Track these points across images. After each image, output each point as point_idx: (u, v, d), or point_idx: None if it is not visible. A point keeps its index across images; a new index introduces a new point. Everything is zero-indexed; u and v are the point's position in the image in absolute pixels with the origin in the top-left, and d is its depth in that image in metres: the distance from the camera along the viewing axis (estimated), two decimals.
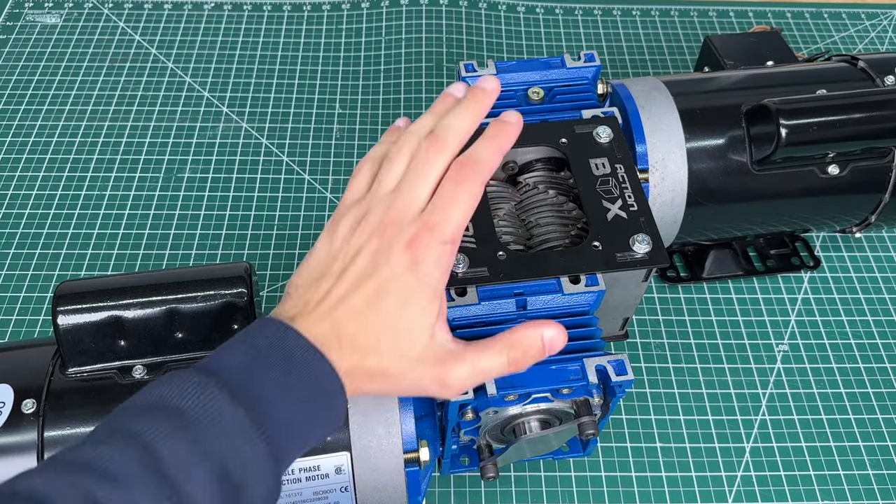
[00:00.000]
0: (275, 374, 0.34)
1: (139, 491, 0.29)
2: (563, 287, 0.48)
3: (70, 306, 0.44)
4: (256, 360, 0.34)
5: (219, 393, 0.32)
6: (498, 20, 0.90)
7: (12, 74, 0.83)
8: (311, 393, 0.35)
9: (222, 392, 0.32)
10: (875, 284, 0.69)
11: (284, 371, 0.34)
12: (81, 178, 0.75)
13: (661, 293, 0.68)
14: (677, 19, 0.92)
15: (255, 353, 0.34)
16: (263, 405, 0.33)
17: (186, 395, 0.32)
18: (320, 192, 0.74)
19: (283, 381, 0.34)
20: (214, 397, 0.32)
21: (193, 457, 0.31)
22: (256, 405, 0.33)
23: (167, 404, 0.32)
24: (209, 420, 0.32)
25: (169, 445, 0.31)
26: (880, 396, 0.62)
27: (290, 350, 0.35)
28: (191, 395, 0.32)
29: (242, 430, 0.32)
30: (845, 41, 0.89)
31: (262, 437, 0.33)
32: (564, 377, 0.46)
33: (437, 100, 0.43)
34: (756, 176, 0.58)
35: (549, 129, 0.54)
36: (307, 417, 0.34)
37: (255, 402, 0.33)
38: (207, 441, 0.31)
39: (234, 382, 0.33)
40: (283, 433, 0.34)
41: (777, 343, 0.65)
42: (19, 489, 0.29)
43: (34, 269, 0.68)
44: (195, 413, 0.32)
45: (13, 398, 0.43)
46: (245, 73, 0.84)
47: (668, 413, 0.61)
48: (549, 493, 0.57)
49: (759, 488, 0.57)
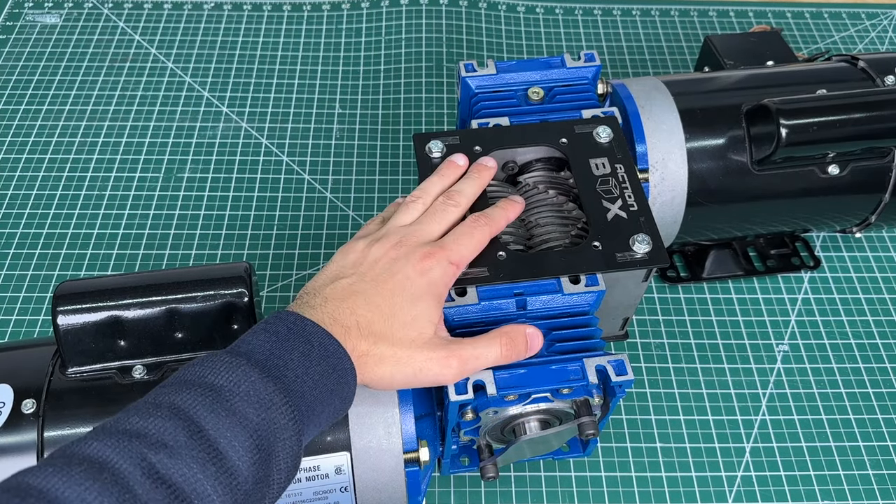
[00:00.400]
0: (295, 355, 0.38)
1: (189, 457, 0.33)
2: (563, 287, 0.48)
3: (70, 306, 0.44)
4: (278, 344, 0.38)
5: (251, 370, 0.36)
6: (498, 20, 0.90)
7: (12, 74, 0.83)
8: (328, 372, 0.38)
9: (253, 369, 0.36)
10: (875, 284, 0.69)
11: (304, 353, 0.38)
12: (81, 178, 0.75)
13: (662, 293, 0.68)
14: (677, 19, 0.92)
15: (277, 338, 0.38)
16: (289, 381, 0.37)
17: (221, 372, 0.36)
18: (320, 192, 0.74)
19: (304, 362, 0.38)
20: (247, 374, 0.36)
21: (234, 427, 0.34)
22: (283, 381, 0.37)
23: (204, 381, 0.36)
24: (244, 393, 0.35)
25: (212, 417, 0.34)
26: (880, 396, 0.62)
27: (309, 335, 0.39)
28: (225, 372, 0.36)
29: (274, 402, 0.36)
30: (845, 41, 0.89)
31: (289, 409, 0.36)
32: (564, 377, 0.46)
33: (443, 166, 0.51)
34: (756, 176, 0.58)
35: (549, 129, 0.54)
36: (324, 393, 0.38)
37: (281, 378, 0.37)
38: (244, 412, 0.35)
39: (262, 361, 0.37)
40: (305, 407, 0.37)
41: (777, 343, 0.65)
42: (75, 451, 0.32)
43: (34, 269, 0.68)
44: (231, 388, 0.35)
45: (13, 398, 0.43)
46: (245, 73, 0.84)
47: (668, 413, 0.61)
48: (549, 494, 0.57)
49: (760, 488, 0.57)
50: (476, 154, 0.52)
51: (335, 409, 0.39)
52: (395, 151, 0.78)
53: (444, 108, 0.81)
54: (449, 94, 0.82)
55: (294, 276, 0.68)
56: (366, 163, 0.77)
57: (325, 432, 0.43)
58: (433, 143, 0.53)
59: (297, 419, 0.36)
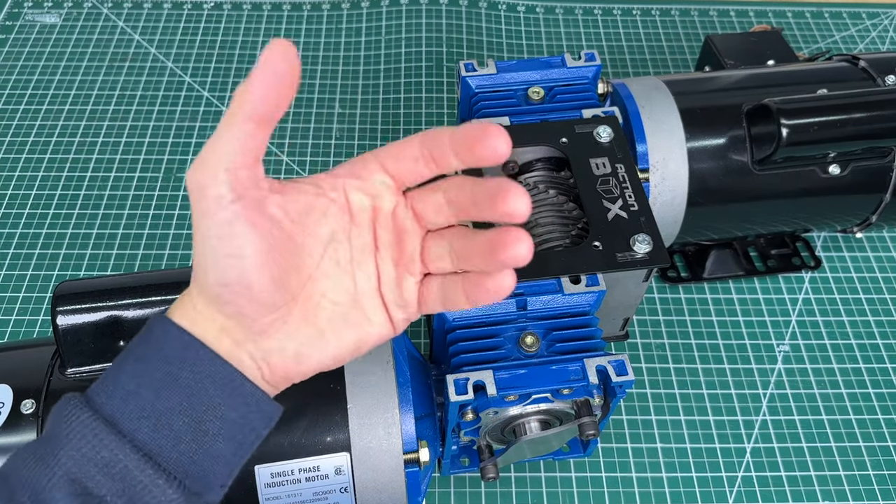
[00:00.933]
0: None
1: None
2: (563, 287, 0.48)
3: (69, 306, 0.44)
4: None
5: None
6: (498, 19, 0.90)
7: (11, 74, 0.83)
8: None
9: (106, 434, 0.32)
10: (876, 284, 0.69)
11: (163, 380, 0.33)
12: (81, 178, 0.75)
13: (662, 293, 0.68)
14: (678, 19, 0.91)
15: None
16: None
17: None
18: None
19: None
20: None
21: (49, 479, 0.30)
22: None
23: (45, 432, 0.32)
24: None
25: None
26: (881, 397, 0.62)
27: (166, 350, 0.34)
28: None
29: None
30: (846, 41, 0.89)
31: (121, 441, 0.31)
32: (565, 377, 0.46)
33: None
34: (757, 176, 0.58)
35: (549, 129, 0.54)
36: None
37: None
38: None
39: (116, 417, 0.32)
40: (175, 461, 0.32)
41: (778, 343, 0.65)
42: None
43: (34, 269, 0.68)
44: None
45: (12, 398, 0.43)
46: (245, 73, 0.84)
47: (668, 413, 0.61)
48: (549, 494, 0.57)
49: (760, 489, 0.57)
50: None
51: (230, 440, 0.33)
52: None
53: (444, 108, 0.81)
54: (449, 93, 0.82)
55: None
56: None
57: (325, 433, 0.43)
58: None
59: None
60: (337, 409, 0.44)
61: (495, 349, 0.47)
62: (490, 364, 0.46)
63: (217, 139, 0.31)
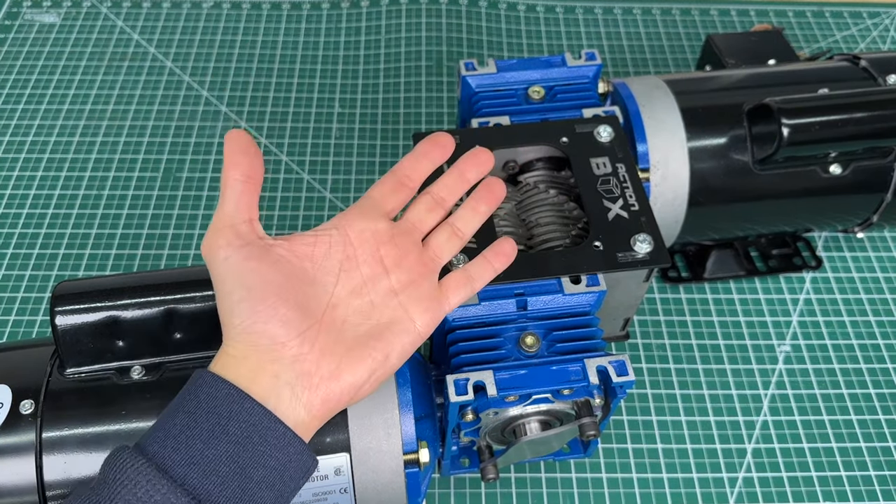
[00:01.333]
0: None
1: None
2: (563, 287, 0.48)
3: (68, 306, 0.43)
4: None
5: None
6: (498, 19, 0.90)
7: (10, 74, 0.83)
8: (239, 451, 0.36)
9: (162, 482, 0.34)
10: (877, 285, 0.69)
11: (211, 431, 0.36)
12: (80, 178, 0.75)
13: (663, 293, 0.68)
14: (679, 18, 0.91)
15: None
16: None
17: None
18: (320, 192, 0.74)
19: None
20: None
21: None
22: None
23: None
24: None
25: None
26: (882, 397, 0.62)
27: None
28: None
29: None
30: (847, 40, 0.89)
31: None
32: (565, 378, 0.45)
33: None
34: (758, 175, 0.58)
35: (549, 129, 0.54)
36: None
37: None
38: None
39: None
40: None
41: (779, 343, 0.65)
42: None
43: (33, 268, 0.68)
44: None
45: (11, 399, 0.43)
46: (244, 73, 0.84)
47: (669, 414, 0.61)
48: (549, 495, 0.57)
49: (761, 489, 0.57)
50: None
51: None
52: (395, 151, 0.78)
53: (444, 107, 0.81)
54: (449, 93, 0.82)
55: None
56: (366, 163, 0.77)
57: (325, 433, 0.43)
58: None
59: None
60: None
61: (495, 349, 0.47)
62: (490, 364, 0.46)
63: (218, 208, 0.39)
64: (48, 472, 0.41)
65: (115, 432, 0.42)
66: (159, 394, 0.43)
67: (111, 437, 0.42)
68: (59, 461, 0.42)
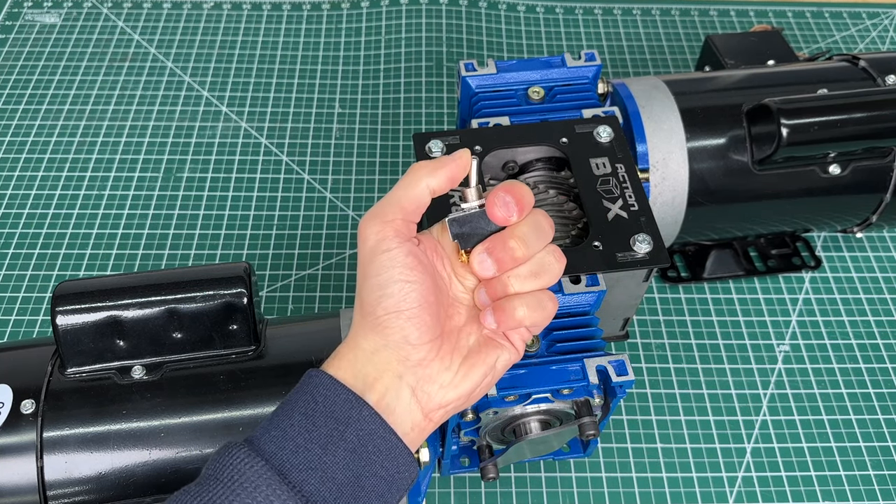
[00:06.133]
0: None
1: None
2: (563, 287, 0.48)
3: (69, 306, 0.44)
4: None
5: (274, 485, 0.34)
6: (498, 19, 0.90)
7: (11, 74, 0.83)
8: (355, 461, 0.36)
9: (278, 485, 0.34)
10: (876, 284, 0.69)
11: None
12: (81, 178, 0.75)
13: (662, 293, 0.68)
14: (678, 18, 0.91)
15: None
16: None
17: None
18: (320, 192, 0.74)
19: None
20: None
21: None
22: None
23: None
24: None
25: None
26: (881, 396, 0.62)
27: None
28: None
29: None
30: (846, 41, 0.89)
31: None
32: (565, 377, 0.46)
33: None
34: (757, 176, 0.58)
35: (549, 129, 0.54)
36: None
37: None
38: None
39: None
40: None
41: (778, 343, 0.65)
42: None
43: (34, 268, 0.68)
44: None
45: (12, 398, 0.43)
46: (244, 73, 0.84)
47: (668, 413, 0.61)
48: (549, 494, 0.57)
49: (760, 489, 0.57)
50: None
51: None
52: (394, 151, 0.78)
53: (444, 107, 0.81)
54: (449, 93, 0.82)
55: (294, 276, 0.68)
56: (365, 162, 0.77)
57: None
58: (433, 143, 0.52)
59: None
60: None
61: None
62: None
63: (393, 197, 0.37)
64: (49, 471, 0.41)
65: (115, 432, 0.42)
66: (160, 394, 0.44)
67: (112, 437, 0.42)
68: (59, 461, 0.42)
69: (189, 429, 0.43)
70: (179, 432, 0.43)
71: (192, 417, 0.43)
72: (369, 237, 0.37)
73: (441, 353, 0.37)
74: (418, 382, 0.37)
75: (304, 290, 0.67)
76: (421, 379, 0.37)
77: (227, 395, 0.44)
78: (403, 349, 0.36)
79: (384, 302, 0.36)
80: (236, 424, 0.43)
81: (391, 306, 0.36)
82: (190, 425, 0.43)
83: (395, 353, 0.36)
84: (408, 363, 0.36)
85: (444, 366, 0.37)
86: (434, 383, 0.37)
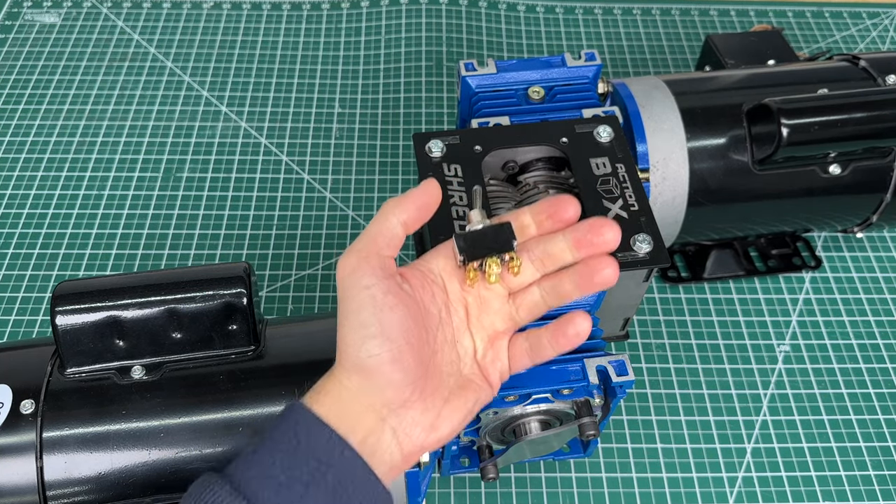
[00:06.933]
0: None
1: None
2: None
3: (69, 306, 0.43)
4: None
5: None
6: (498, 19, 0.90)
7: (11, 74, 0.83)
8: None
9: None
10: (876, 284, 0.69)
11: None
12: (80, 178, 0.75)
13: (662, 293, 0.68)
14: (678, 18, 0.91)
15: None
16: None
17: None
18: (320, 192, 0.74)
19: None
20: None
21: None
22: None
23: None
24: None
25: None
26: (881, 397, 0.62)
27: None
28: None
29: None
30: (847, 40, 0.89)
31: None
32: (565, 378, 0.46)
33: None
34: (757, 176, 0.58)
35: (549, 129, 0.54)
36: None
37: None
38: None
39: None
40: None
41: (778, 343, 0.65)
42: None
43: (33, 268, 0.68)
44: None
45: (12, 398, 0.43)
46: (244, 73, 0.84)
47: (668, 413, 0.61)
48: (549, 495, 0.57)
49: (761, 489, 0.57)
50: (476, 153, 0.52)
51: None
52: (394, 151, 0.78)
53: (444, 107, 0.81)
54: (449, 93, 0.82)
55: (294, 276, 0.68)
56: (365, 162, 0.77)
57: None
58: (433, 143, 0.52)
59: None
60: None
61: None
62: None
63: (369, 234, 0.37)
64: (49, 471, 0.41)
65: (115, 432, 0.42)
66: (159, 394, 0.44)
67: (111, 437, 0.42)
68: (59, 461, 0.42)
69: (189, 429, 0.43)
70: (179, 432, 0.43)
71: (192, 417, 0.43)
72: (346, 272, 0.37)
73: (424, 394, 0.37)
74: (400, 425, 0.37)
75: (304, 290, 0.67)
76: (403, 421, 0.37)
77: (226, 396, 0.44)
78: (386, 393, 0.36)
79: (366, 344, 0.36)
80: (236, 424, 0.43)
81: (373, 349, 0.36)
82: (189, 425, 0.43)
83: (379, 396, 0.36)
84: (391, 406, 0.37)
85: (426, 407, 0.38)
86: (416, 426, 0.37)
